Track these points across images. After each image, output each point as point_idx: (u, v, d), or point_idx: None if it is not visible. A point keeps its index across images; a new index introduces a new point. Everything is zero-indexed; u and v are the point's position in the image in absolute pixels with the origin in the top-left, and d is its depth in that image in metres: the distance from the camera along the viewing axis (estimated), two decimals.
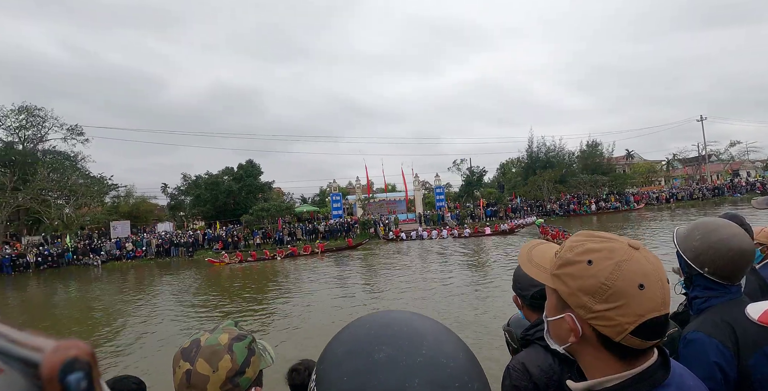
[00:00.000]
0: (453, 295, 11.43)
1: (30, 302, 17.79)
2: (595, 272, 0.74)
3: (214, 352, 0.98)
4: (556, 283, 0.81)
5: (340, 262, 21.59)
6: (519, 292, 1.57)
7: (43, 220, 32.52)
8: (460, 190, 48.86)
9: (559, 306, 0.81)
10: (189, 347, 1.01)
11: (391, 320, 0.55)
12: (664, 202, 41.03)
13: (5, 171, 32.67)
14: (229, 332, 1.05)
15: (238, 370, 0.98)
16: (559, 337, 0.83)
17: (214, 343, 1.00)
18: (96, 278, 24.01)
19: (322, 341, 0.56)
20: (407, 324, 0.54)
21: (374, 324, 0.54)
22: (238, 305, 12.61)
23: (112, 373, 7.05)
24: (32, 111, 35.29)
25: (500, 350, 6.12)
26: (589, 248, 0.78)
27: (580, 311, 0.76)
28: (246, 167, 42.57)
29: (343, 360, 0.51)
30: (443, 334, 0.54)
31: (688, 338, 1.31)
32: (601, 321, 0.74)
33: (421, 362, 0.48)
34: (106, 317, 12.68)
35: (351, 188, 47.31)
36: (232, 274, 20.22)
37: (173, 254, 30.87)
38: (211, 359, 0.97)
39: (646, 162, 60.43)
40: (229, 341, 1.01)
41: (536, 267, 0.89)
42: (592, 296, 0.74)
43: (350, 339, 0.53)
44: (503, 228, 29.89)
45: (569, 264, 0.79)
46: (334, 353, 0.53)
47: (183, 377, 0.97)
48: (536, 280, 1.25)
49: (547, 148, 47.42)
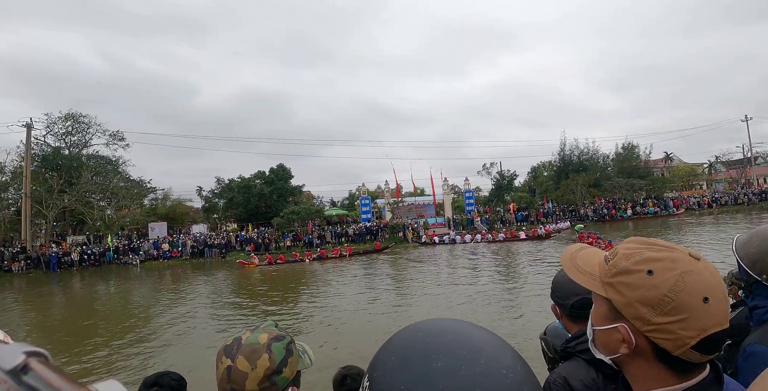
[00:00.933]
0: (485, 301, 11.29)
1: (76, 298, 18.66)
2: (657, 282, 0.71)
3: (254, 350, 1.02)
4: (610, 292, 0.78)
5: (370, 265, 21.66)
6: (558, 301, 1.50)
7: (87, 220, 34.09)
8: (490, 195, 48.25)
9: (611, 316, 0.78)
10: (231, 345, 1.06)
11: (444, 329, 0.54)
12: (705, 207, 39.27)
13: (53, 175, 34.47)
14: (269, 332, 1.09)
15: (275, 369, 1.02)
16: (608, 347, 0.80)
17: (254, 342, 1.04)
18: (135, 276, 24.97)
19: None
20: (462, 333, 0.53)
21: (427, 332, 0.53)
22: (268, 307, 12.84)
23: (154, 370, 7.32)
24: (78, 118, 37.23)
25: (535, 359, 6.02)
26: (649, 257, 0.74)
27: (637, 322, 0.73)
28: (277, 171, 43.40)
29: (398, 369, 0.49)
30: (500, 344, 0.53)
31: (749, 351, 1.26)
32: (661, 334, 0.71)
33: (480, 372, 0.47)
34: (146, 315, 13.16)
35: (380, 192, 47.46)
36: (262, 275, 20.60)
37: (207, 254, 31.76)
38: (250, 357, 1.01)
39: (687, 165, 58.03)
40: (268, 340, 1.05)
41: (583, 273, 0.85)
42: (652, 308, 0.71)
43: (404, 347, 0.52)
44: (540, 233, 29.00)
45: (626, 273, 0.75)
46: (387, 361, 0.52)
47: (224, 372, 1.02)
48: (577, 288, 1.22)
49: (581, 151, 46.32)
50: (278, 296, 14.45)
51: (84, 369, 7.93)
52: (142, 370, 7.59)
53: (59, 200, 32.44)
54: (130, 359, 8.46)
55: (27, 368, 0.30)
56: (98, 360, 8.42)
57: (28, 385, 0.29)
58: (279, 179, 42.66)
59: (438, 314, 10.09)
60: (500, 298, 11.44)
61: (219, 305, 13.66)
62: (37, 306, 16.41)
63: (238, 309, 12.86)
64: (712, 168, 58.31)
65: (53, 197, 32.10)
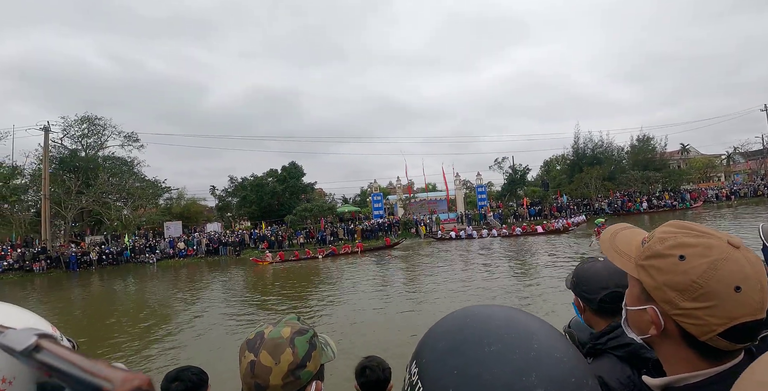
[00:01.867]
0: (504, 293, 11.26)
1: (96, 296, 19.04)
2: (687, 268, 0.71)
3: (277, 345, 1.01)
4: (641, 274, 0.78)
5: (385, 261, 21.69)
6: (584, 295, 1.42)
7: (104, 221, 34.77)
8: (503, 189, 47.97)
9: (642, 297, 0.79)
10: (254, 339, 1.04)
11: (492, 314, 0.53)
12: (724, 199, 38.48)
13: (71, 176, 35.16)
14: (292, 325, 1.07)
15: (299, 363, 1.01)
16: (639, 328, 0.82)
17: (276, 336, 1.03)
18: (152, 275, 25.38)
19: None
20: (510, 318, 0.52)
21: (475, 318, 0.53)
22: (284, 303, 12.95)
23: (175, 365, 7.45)
24: (93, 120, 37.98)
25: None
26: (683, 242, 0.74)
27: (665, 305, 0.74)
28: (289, 169, 43.64)
29: (449, 354, 0.49)
30: (550, 329, 0.52)
31: None
32: (687, 319, 0.72)
33: (534, 356, 0.47)
34: (164, 313, 13.39)
35: (392, 188, 47.48)
36: (276, 273, 20.79)
37: (221, 252, 32.15)
38: (273, 351, 1.00)
39: (704, 156, 56.86)
40: (291, 334, 1.04)
41: (620, 254, 0.85)
42: (681, 293, 0.71)
43: (452, 332, 0.52)
44: (557, 226, 29.05)
45: (658, 257, 0.76)
46: (436, 347, 0.51)
47: (248, 367, 1.01)
48: (606, 281, 1.21)
49: (595, 144, 45.57)
50: (293, 293, 14.57)
51: None
52: (164, 366, 7.73)
53: (77, 200, 33.10)
54: (151, 355, 8.62)
55: (39, 347, 0.32)
56: (119, 357, 8.60)
57: (41, 361, 0.31)
58: (291, 177, 42.91)
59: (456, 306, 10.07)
60: (516, 290, 11.39)
61: (235, 303, 13.83)
62: (59, 305, 16.80)
63: (254, 306, 13.00)
64: (731, 159, 57.08)
65: (71, 198, 32.77)
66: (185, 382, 2.06)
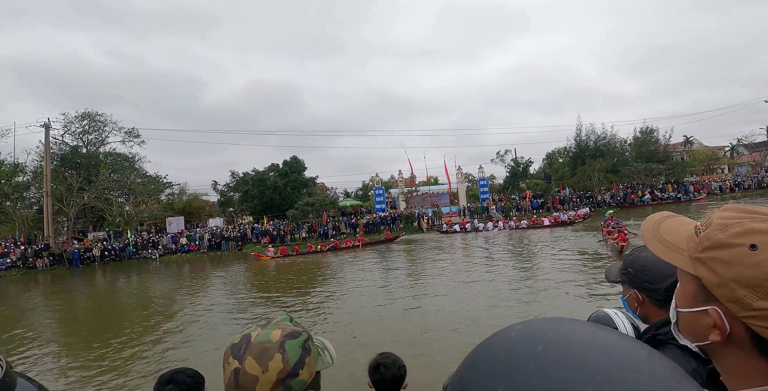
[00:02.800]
0: (514, 288, 11.20)
1: (99, 293, 19.09)
2: (761, 260, 0.58)
3: (265, 350, 0.89)
4: (699, 269, 0.65)
5: (389, 255, 21.66)
6: (647, 285, 1.28)
7: (107, 217, 34.83)
8: (505, 182, 47.77)
9: (700, 296, 0.65)
10: (239, 344, 0.93)
11: (566, 335, 0.40)
12: (728, 191, 38.27)
13: (72, 173, 35.21)
14: (282, 328, 0.96)
15: (290, 371, 0.89)
16: (695, 333, 0.68)
17: (264, 340, 0.91)
18: (155, 270, 25.44)
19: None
20: (596, 342, 0.39)
21: (544, 340, 0.40)
22: (285, 298, 12.93)
23: (174, 364, 7.42)
24: (94, 117, 37.94)
25: None
26: (751, 228, 0.61)
27: (733, 306, 0.60)
28: (290, 163, 43.60)
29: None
30: (656, 358, 0.39)
31: None
32: (762, 322, 0.58)
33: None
34: (166, 310, 13.39)
35: (393, 182, 47.37)
36: (277, 268, 20.79)
37: (224, 247, 32.21)
38: (261, 357, 0.88)
39: (707, 148, 56.57)
40: (282, 338, 0.92)
41: (667, 246, 0.71)
42: (753, 290, 0.58)
43: (514, 364, 0.39)
44: (563, 219, 29.21)
45: (721, 247, 0.62)
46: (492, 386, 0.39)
47: (231, 375, 0.89)
48: (670, 269, 1.09)
49: (597, 136, 45.27)
50: (295, 288, 14.55)
51: (104, 363, 8.10)
52: (163, 364, 7.71)
53: (79, 197, 33.14)
54: (151, 353, 8.61)
55: None
56: (118, 355, 8.59)
57: None
58: (293, 171, 42.89)
59: (474, 306, 10.02)
60: (527, 285, 11.32)
61: (237, 299, 13.82)
62: (61, 301, 16.84)
63: (256, 302, 12.99)
64: (734, 151, 56.72)
65: (73, 195, 32.80)
66: (179, 385, 1.98)
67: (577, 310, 8.39)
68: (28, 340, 10.38)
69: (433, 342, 7.39)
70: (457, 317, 8.81)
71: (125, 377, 7.18)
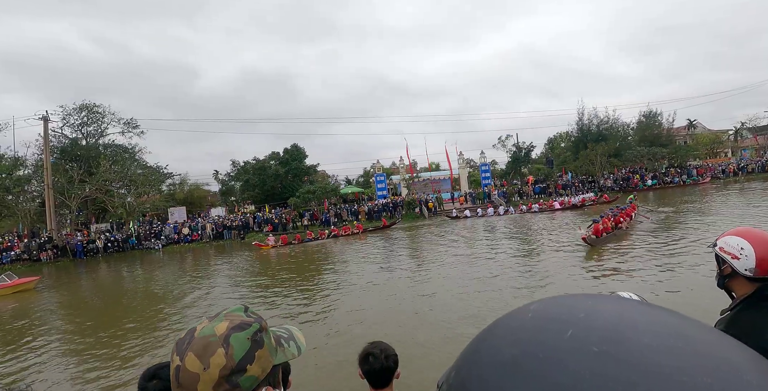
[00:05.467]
0: (529, 273, 11.17)
1: (102, 284, 19.20)
2: None
3: (207, 345, 0.81)
4: None
5: (393, 241, 21.64)
6: None
7: (109, 208, 34.89)
8: (507, 167, 47.60)
9: None
10: (183, 338, 0.84)
11: (610, 315, 0.30)
12: (731, 175, 37.95)
13: (73, 165, 35.15)
14: (231, 319, 0.87)
15: (234, 368, 0.80)
16: None
17: (208, 333, 0.83)
18: (158, 260, 25.56)
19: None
20: (663, 326, 0.29)
21: (576, 324, 0.29)
22: (285, 287, 12.94)
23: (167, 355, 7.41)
24: (92, 108, 37.64)
25: None
26: None
27: None
28: (291, 151, 43.45)
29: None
30: (753, 355, 0.30)
31: None
32: None
33: None
34: (170, 299, 13.45)
35: (395, 168, 47.25)
36: (278, 257, 20.82)
37: (226, 236, 32.33)
38: (202, 353, 0.80)
39: (711, 132, 56.05)
40: (227, 330, 0.83)
41: None
42: None
43: (533, 358, 0.29)
44: (574, 202, 29.44)
45: None
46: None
47: (173, 373, 0.81)
48: None
49: (600, 120, 44.85)
50: (294, 276, 14.56)
51: (109, 353, 8.14)
52: (159, 356, 7.73)
53: (80, 189, 33.14)
54: (153, 343, 8.65)
55: None
56: (123, 345, 8.63)
57: None
58: (293, 159, 42.80)
59: (492, 293, 9.99)
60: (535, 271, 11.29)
61: (240, 287, 13.87)
62: (66, 293, 16.95)
63: (257, 292, 13.01)
64: (738, 134, 56.15)
65: (74, 187, 32.79)
66: (164, 380, 1.89)
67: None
68: (36, 331, 10.45)
69: (436, 331, 7.36)
70: (470, 305, 8.78)
71: (129, 368, 7.21)
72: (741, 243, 1.64)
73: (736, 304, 1.67)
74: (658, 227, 16.43)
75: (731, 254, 1.66)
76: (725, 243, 1.70)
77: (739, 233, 1.68)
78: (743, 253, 1.62)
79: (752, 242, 1.62)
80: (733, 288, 1.72)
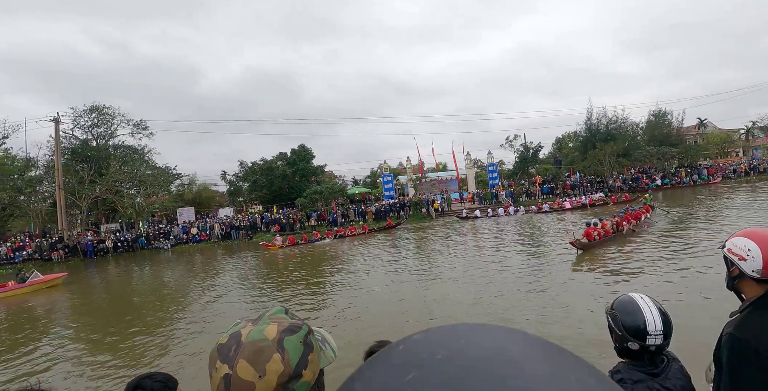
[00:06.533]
0: (535, 275, 11.14)
1: (112, 283, 19.40)
2: None
3: (259, 350, 0.75)
4: None
5: (401, 242, 21.65)
6: None
7: (118, 209, 35.28)
8: (514, 168, 47.40)
9: None
10: (227, 344, 0.78)
11: (458, 353, 0.30)
12: (742, 175, 37.43)
13: (84, 166, 35.56)
14: (279, 321, 0.81)
15: (292, 373, 0.75)
16: None
17: (259, 338, 0.77)
18: (167, 260, 25.77)
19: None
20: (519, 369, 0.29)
21: (434, 375, 0.29)
22: (293, 288, 12.99)
23: (189, 360, 7.48)
24: (102, 110, 38.10)
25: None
26: None
27: None
28: (298, 152, 43.62)
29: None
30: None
31: None
32: None
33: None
34: (178, 298, 13.56)
35: (402, 169, 47.25)
36: (286, 257, 20.90)
37: (234, 236, 32.52)
38: (255, 359, 0.74)
39: (722, 131, 55.38)
40: (279, 334, 0.78)
41: None
42: None
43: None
44: (584, 202, 29.57)
45: None
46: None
47: (221, 383, 0.75)
48: None
49: (609, 120, 44.43)
50: (302, 277, 14.62)
51: (117, 354, 8.23)
52: (163, 358, 7.80)
53: (91, 190, 33.56)
54: (156, 344, 8.72)
55: None
56: (133, 344, 8.72)
57: None
58: (301, 160, 42.96)
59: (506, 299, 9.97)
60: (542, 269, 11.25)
61: (248, 287, 13.95)
62: (77, 292, 17.15)
63: (266, 293, 13.08)
64: (750, 134, 55.46)
65: (85, 188, 33.22)
66: (146, 390, 1.91)
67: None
68: (46, 329, 10.60)
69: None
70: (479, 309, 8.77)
71: (138, 365, 7.29)
72: (748, 244, 1.62)
73: (745, 306, 1.66)
74: (669, 228, 16.28)
75: (738, 256, 1.65)
76: (733, 244, 1.69)
77: (746, 234, 1.66)
78: (750, 254, 1.61)
79: (759, 243, 1.60)
80: (743, 290, 1.70)
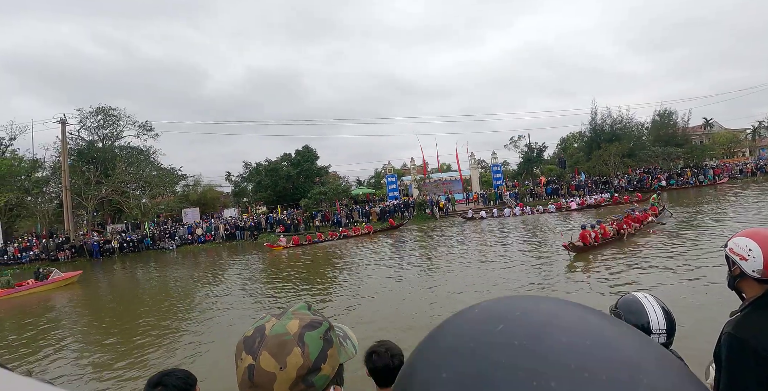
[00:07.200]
0: (544, 276, 11.12)
1: (119, 283, 19.52)
2: None
3: (282, 343, 0.80)
4: None
5: (405, 242, 21.65)
6: None
7: (124, 209, 35.49)
8: (519, 168, 47.24)
9: None
10: (252, 337, 0.83)
11: (539, 315, 0.34)
12: (749, 175, 37.21)
13: (90, 167, 35.82)
14: (301, 317, 0.86)
15: (311, 366, 0.80)
16: None
17: (281, 331, 0.82)
18: (172, 260, 25.88)
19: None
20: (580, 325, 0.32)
21: (508, 319, 0.34)
22: (299, 287, 13.03)
23: (197, 357, 7.53)
24: (107, 111, 38.38)
25: None
26: None
27: None
28: (302, 153, 43.72)
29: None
30: (662, 355, 0.32)
31: None
32: None
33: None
34: (185, 299, 13.63)
35: (406, 169, 47.24)
36: (290, 257, 20.96)
37: (239, 237, 32.63)
38: (277, 352, 0.79)
39: (728, 131, 54.99)
40: (300, 329, 0.83)
41: None
42: None
43: (462, 348, 0.33)
44: (589, 202, 29.79)
45: None
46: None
47: (245, 373, 0.80)
48: None
49: (613, 120, 44.21)
50: (306, 277, 14.66)
51: (121, 354, 8.28)
52: (184, 358, 7.85)
53: (97, 191, 33.81)
54: (162, 346, 8.77)
55: None
56: (137, 346, 8.77)
57: None
58: (305, 161, 43.06)
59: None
60: (549, 270, 11.24)
61: (254, 287, 13.99)
62: (82, 292, 17.26)
63: (271, 293, 13.12)
64: (756, 134, 55.03)
65: (91, 189, 33.48)
66: (169, 387, 1.92)
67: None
68: (53, 329, 10.68)
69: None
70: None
71: (142, 368, 7.34)
72: (749, 244, 1.63)
73: (745, 306, 1.67)
74: (674, 230, 16.20)
75: (740, 255, 1.66)
76: (734, 244, 1.70)
77: (748, 234, 1.67)
78: (751, 254, 1.62)
79: (760, 243, 1.61)
80: (744, 289, 1.71)
